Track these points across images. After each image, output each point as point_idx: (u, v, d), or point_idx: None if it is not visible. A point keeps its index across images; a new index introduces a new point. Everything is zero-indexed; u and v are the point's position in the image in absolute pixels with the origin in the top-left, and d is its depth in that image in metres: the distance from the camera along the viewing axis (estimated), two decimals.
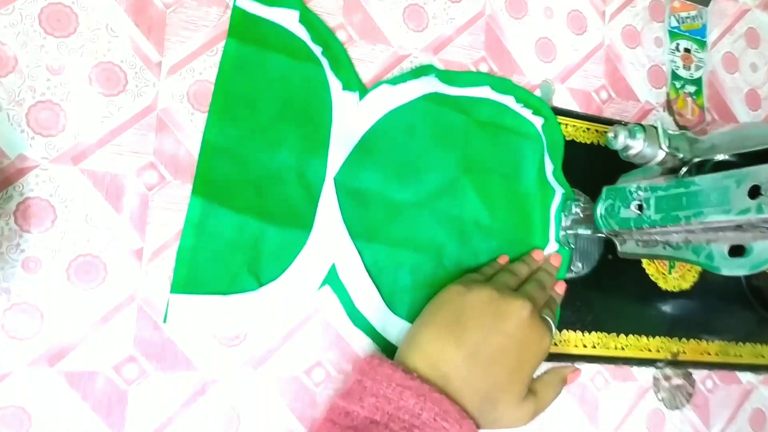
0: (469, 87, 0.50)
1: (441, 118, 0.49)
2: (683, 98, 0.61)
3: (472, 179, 0.49)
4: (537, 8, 0.56)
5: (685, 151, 0.41)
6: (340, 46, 0.47)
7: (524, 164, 0.51)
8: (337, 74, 0.46)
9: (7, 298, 0.38)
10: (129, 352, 0.40)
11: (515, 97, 0.51)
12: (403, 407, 0.36)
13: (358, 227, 0.45)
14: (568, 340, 0.51)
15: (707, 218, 0.38)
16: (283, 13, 0.45)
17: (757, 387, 0.61)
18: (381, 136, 0.47)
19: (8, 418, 0.37)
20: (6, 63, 0.39)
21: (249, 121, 0.43)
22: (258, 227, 0.42)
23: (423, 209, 0.47)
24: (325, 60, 0.46)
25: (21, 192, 0.39)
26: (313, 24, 0.46)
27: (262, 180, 0.43)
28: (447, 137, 0.49)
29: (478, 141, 0.49)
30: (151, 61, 0.43)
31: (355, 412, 0.37)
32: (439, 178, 0.48)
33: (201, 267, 0.41)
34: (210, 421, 0.42)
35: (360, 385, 0.38)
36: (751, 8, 0.67)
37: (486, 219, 0.49)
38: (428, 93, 0.49)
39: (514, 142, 0.51)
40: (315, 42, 0.46)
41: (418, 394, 0.36)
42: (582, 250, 0.53)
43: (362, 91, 0.47)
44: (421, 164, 0.48)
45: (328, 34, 0.47)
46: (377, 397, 0.36)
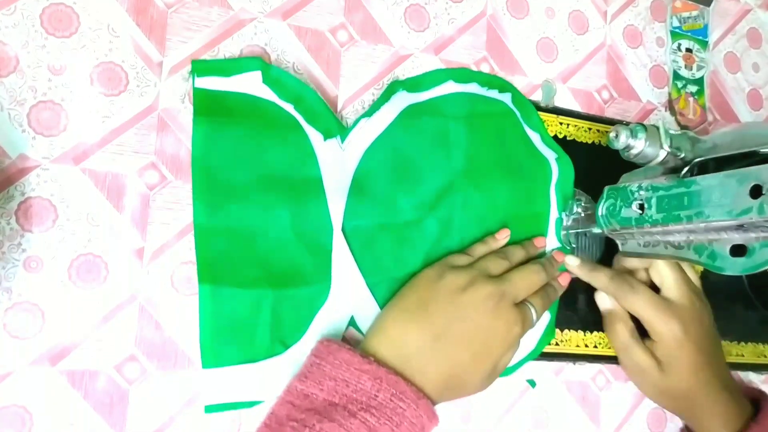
0: (435, 87, 0.49)
1: (422, 128, 0.48)
2: (685, 98, 0.61)
3: (470, 177, 0.48)
4: (538, 8, 0.56)
5: (686, 151, 0.41)
6: (312, 95, 0.45)
7: (510, 142, 0.51)
8: (315, 126, 0.45)
9: (8, 297, 0.38)
10: (130, 352, 0.40)
11: (478, 83, 0.50)
12: (360, 389, 0.37)
13: (372, 270, 0.45)
14: (569, 340, 0.51)
15: (709, 218, 0.38)
16: (245, 78, 0.43)
17: (759, 386, 0.61)
18: (372, 170, 0.46)
19: (10, 417, 0.37)
20: (7, 63, 0.39)
21: (235, 195, 0.42)
22: (272, 295, 0.42)
23: (429, 222, 0.47)
24: (299, 115, 0.44)
25: (22, 192, 0.39)
26: (278, 82, 0.44)
27: (264, 249, 0.43)
28: (434, 144, 0.48)
29: (463, 136, 0.49)
30: (152, 61, 0.43)
31: (314, 395, 0.38)
32: (438, 186, 0.48)
33: (226, 342, 0.41)
34: (211, 421, 0.42)
35: (318, 368, 0.39)
36: (753, 8, 0.67)
37: (492, 216, 0.49)
38: (403, 109, 0.48)
39: (494, 124, 0.50)
40: (284, 99, 0.44)
41: (374, 377, 0.37)
42: (583, 249, 0.53)
43: (343, 134, 0.46)
44: (416, 181, 0.47)
45: (297, 86, 0.44)
46: (336, 381, 0.38)
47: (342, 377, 0.38)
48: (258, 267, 0.42)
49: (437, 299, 0.42)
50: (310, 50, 0.47)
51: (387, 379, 0.37)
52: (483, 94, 0.51)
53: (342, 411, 0.36)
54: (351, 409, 0.36)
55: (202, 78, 0.42)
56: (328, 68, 0.48)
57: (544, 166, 0.52)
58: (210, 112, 0.42)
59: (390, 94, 0.47)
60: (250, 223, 0.42)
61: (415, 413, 0.37)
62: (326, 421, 0.36)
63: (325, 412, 0.36)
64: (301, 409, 0.37)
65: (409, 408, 0.37)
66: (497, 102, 0.51)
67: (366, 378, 0.37)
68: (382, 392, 0.37)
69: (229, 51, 0.45)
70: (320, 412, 0.37)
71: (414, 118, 0.48)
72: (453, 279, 0.43)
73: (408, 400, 0.37)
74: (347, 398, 0.37)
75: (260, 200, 0.43)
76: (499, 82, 0.52)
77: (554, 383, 0.52)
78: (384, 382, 0.37)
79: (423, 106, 0.49)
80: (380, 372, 0.38)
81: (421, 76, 0.49)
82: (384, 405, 0.37)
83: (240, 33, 0.45)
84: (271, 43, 0.46)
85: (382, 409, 0.37)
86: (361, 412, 0.36)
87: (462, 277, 0.43)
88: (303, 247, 0.44)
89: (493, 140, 0.50)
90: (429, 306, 0.41)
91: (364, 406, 0.37)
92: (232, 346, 0.41)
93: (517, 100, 0.51)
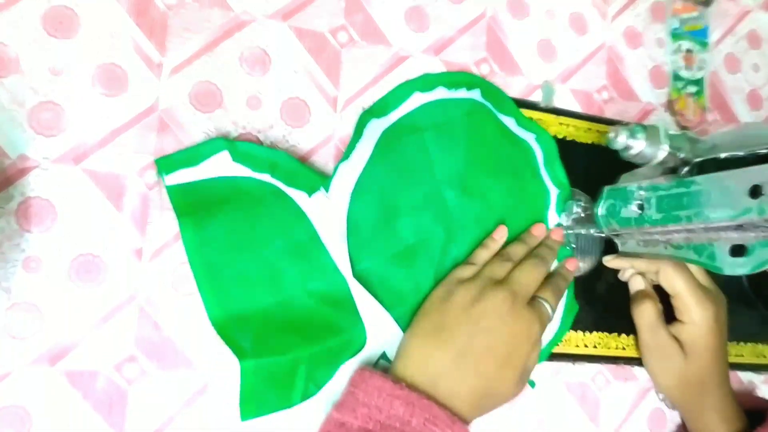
0: (402, 104, 0.49)
1: (400, 150, 0.47)
2: (685, 99, 0.61)
3: (459, 184, 0.48)
4: (538, 9, 0.56)
5: (686, 151, 0.41)
6: (284, 157, 0.44)
7: (489, 137, 0.50)
8: (296, 186, 0.44)
9: (8, 297, 0.38)
10: (130, 352, 0.40)
11: (444, 86, 0.50)
12: (393, 416, 0.37)
13: (394, 303, 0.45)
14: (569, 340, 0.51)
15: (708, 218, 0.38)
16: (214, 162, 0.42)
17: (758, 387, 0.61)
18: (363, 209, 0.46)
19: (9, 417, 0.37)
20: (8, 64, 0.39)
21: (240, 280, 0.42)
22: (308, 353, 0.42)
23: (431, 238, 0.47)
24: (278, 181, 0.44)
25: (22, 192, 0.39)
26: (248, 155, 0.43)
27: (285, 319, 0.43)
28: (416, 162, 0.47)
29: (442, 146, 0.48)
30: (152, 61, 0.43)
31: (349, 423, 0.38)
32: (430, 202, 0.47)
33: (265, 398, 0.41)
34: (211, 421, 0.42)
35: (353, 396, 0.39)
36: (753, 9, 0.67)
37: (489, 215, 0.49)
38: (378, 139, 0.47)
39: (469, 124, 0.49)
40: (259, 171, 0.43)
41: (407, 402, 0.37)
42: (583, 249, 0.53)
43: (325, 184, 0.45)
44: (408, 204, 0.47)
45: (268, 153, 0.44)
46: (369, 408, 0.38)
47: (375, 404, 0.38)
48: (286, 335, 0.43)
49: (452, 317, 0.41)
50: (311, 51, 0.47)
51: (419, 404, 0.37)
52: (451, 97, 0.50)
53: None
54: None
55: (171, 174, 0.42)
56: (329, 69, 0.48)
57: (526, 151, 0.51)
58: (191, 209, 0.42)
59: (361, 128, 0.47)
60: (263, 300, 0.43)
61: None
62: None
63: None
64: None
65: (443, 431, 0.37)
66: (466, 101, 0.50)
67: (398, 404, 0.37)
68: (415, 417, 0.37)
69: (230, 51, 0.45)
70: None
71: (390, 143, 0.47)
72: (462, 294, 0.42)
73: (442, 424, 0.37)
74: (381, 425, 0.37)
75: (265, 276, 0.43)
76: (464, 78, 0.51)
77: (554, 383, 0.52)
78: (417, 407, 0.37)
79: (396, 128, 0.48)
80: (412, 397, 0.37)
81: (386, 96, 0.49)
82: (417, 430, 0.36)
83: (240, 34, 0.45)
84: (272, 44, 0.46)
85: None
86: None
87: (470, 289, 0.42)
88: (321, 303, 0.44)
89: (473, 141, 0.49)
90: (446, 325, 0.41)
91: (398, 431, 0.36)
92: (271, 398, 0.41)
93: (486, 92, 0.51)
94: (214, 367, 0.42)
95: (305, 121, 0.46)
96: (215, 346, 0.42)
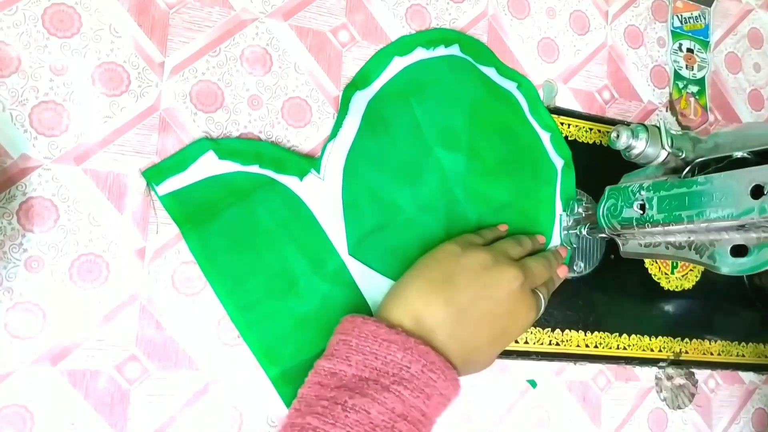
0: (383, 71, 0.48)
1: (388, 120, 0.47)
2: (686, 98, 0.61)
3: (456, 145, 0.48)
4: (539, 8, 0.56)
5: (687, 151, 0.41)
6: (269, 146, 0.44)
7: (474, 89, 0.50)
8: (286, 173, 0.44)
9: (9, 297, 0.38)
10: (131, 352, 0.40)
11: (422, 46, 0.49)
12: (391, 361, 0.36)
13: (400, 271, 0.45)
14: (570, 340, 0.51)
15: (710, 218, 0.38)
16: (201, 163, 0.42)
17: (760, 387, 0.61)
18: (357, 183, 0.46)
19: (11, 416, 0.37)
20: (9, 63, 0.39)
21: (252, 274, 0.43)
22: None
23: (435, 201, 0.47)
24: (267, 170, 0.44)
25: (24, 192, 0.39)
26: (233, 150, 0.43)
27: (302, 314, 0.44)
28: (405, 130, 0.48)
29: (429, 111, 0.48)
30: (153, 61, 0.43)
31: (342, 372, 0.37)
32: (424, 166, 0.48)
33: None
34: (212, 421, 0.42)
35: (345, 344, 0.38)
36: (754, 8, 0.67)
37: (488, 169, 0.49)
38: (363, 111, 0.47)
39: (454, 80, 0.49)
40: (247, 163, 0.43)
41: (404, 347, 0.36)
42: (584, 249, 0.53)
43: (316, 165, 0.45)
44: (402, 172, 0.47)
45: (252, 145, 0.44)
46: (364, 354, 0.37)
47: (370, 350, 0.36)
48: (307, 329, 0.43)
49: (463, 273, 0.41)
50: (312, 50, 0.47)
51: (417, 350, 0.36)
52: (430, 57, 0.50)
53: (374, 385, 0.35)
54: (383, 383, 0.35)
55: (160, 184, 0.41)
56: (330, 69, 0.48)
57: (510, 100, 0.51)
58: (189, 215, 0.42)
59: (346, 103, 0.47)
60: (279, 293, 0.43)
61: (444, 384, 0.37)
62: (358, 396, 0.35)
63: (356, 388, 0.35)
64: (330, 388, 0.36)
65: (439, 379, 0.36)
66: (446, 59, 0.50)
67: (395, 348, 0.36)
68: (413, 363, 0.36)
69: (231, 50, 0.45)
70: (351, 388, 0.35)
71: (377, 113, 0.47)
72: (478, 255, 0.42)
73: (438, 371, 0.36)
74: (377, 371, 0.36)
75: (275, 266, 0.43)
76: (440, 34, 0.50)
77: (555, 383, 0.52)
78: (415, 353, 0.36)
79: (380, 96, 0.48)
80: (409, 342, 0.37)
81: (366, 65, 0.48)
82: (416, 377, 0.36)
83: (241, 33, 0.45)
84: (272, 43, 0.46)
85: (415, 381, 0.36)
86: (394, 385, 0.35)
87: (487, 255, 0.42)
88: (334, 284, 0.45)
89: (458, 97, 0.49)
90: (454, 280, 0.40)
91: (396, 378, 0.36)
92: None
93: (464, 46, 0.50)
94: (216, 367, 0.42)
95: (306, 121, 0.46)
96: (216, 346, 0.42)
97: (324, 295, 0.44)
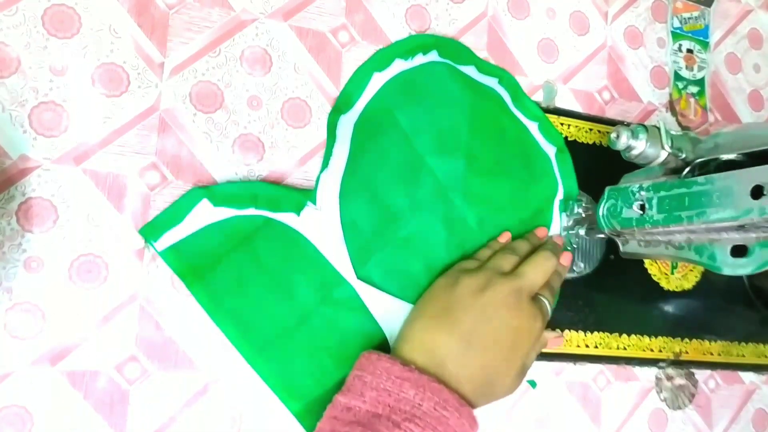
0: (364, 90, 0.48)
1: (377, 138, 0.47)
2: (686, 99, 0.61)
3: (446, 150, 0.48)
4: (539, 9, 0.56)
5: (687, 152, 0.41)
6: (263, 186, 0.44)
7: (456, 91, 0.49)
8: (282, 210, 0.44)
9: (9, 297, 0.38)
10: (131, 352, 0.40)
11: (399, 57, 0.49)
12: (403, 398, 0.36)
13: (408, 288, 0.46)
14: (570, 340, 0.51)
15: (710, 218, 0.38)
16: (196, 213, 0.42)
17: (759, 387, 0.61)
18: (354, 206, 0.46)
19: (10, 417, 0.37)
20: (9, 64, 0.39)
21: (263, 316, 0.43)
22: (341, 374, 0.43)
23: (434, 211, 0.47)
24: (263, 211, 0.44)
25: (23, 192, 0.39)
26: (227, 196, 0.43)
27: (315, 342, 0.44)
28: (395, 144, 0.47)
29: (417, 117, 0.48)
30: (153, 62, 0.43)
31: (356, 407, 0.37)
32: (423, 176, 0.47)
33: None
34: (212, 421, 0.42)
35: (360, 380, 0.38)
36: (754, 9, 0.67)
37: (480, 168, 0.49)
38: (351, 135, 0.47)
39: (435, 86, 0.49)
40: (243, 207, 0.43)
41: (417, 385, 0.37)
42: (584, 250, 0.53)
43: (311, 196, 0.45)
44: (399, 188, 0.47)
45: (245, 186, 0.44)
46: (378, 391, 0.37)
47: (383, 387, 0.37)
48: (324, 360, 0.43)
49: (459, 302, 0.41)
50: (311, 51, 0.47)
51: (430, 387, 0.37)
52: (409, 67, 0.49)
53: (386, 422, 0.36)
54: (395, 420, 0.36)
55: (158, 240, 0.41)
56: (329, 69, 0.48)
57: (493, 96, 0.51)
58: (192, 267, 0.42)
59: (333, 129, 0.46)
60: (289, 328, 0.43)
61: (458, 421, 0.37)
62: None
63: (368, 424, 0.36)
64: (345, 422, 0.37)
65: (453, 416, 0.36)
66: (425, 66, 0.50)
67: (408, 386, 0.37)
68: (426, 401, 0.36)
69: (231, 51, 0.45)
70: (364, 424, 0.36)
71: (364, 134, 0.47)
72: (470, 281, 0.42)
73: (451, 408, 0.37)
74: (390, 408, 0.36)
75: (284, 304, 0.43)
76: (417, 42, 0.50)
77: (555, 383, 0.52)
78: (427, 391, 0.37)
79: (365, 117, 0.48)
80: (422, 380, 0.37)
81: (346, 87, 0.48)
82: (428, 414, 0.36)
83: (241, 34, 0.45)
84: (272, 44, 0.46)
85: (427, 419, 0.36)
86: (405, 422, 0.35)
87: (478, 278, 0.42)
88: (340, 309, 0.44)
89: (441, 103, 0.49)
90: (452, 310, 0.41)
91: (408, 415, 0.36)
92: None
93: (442, 50, 0.50)
94: (216, 368, 0.42)
95: (306, 122, 0.46)
96: (216, 347, 0.42)
97: (336, 324, 0.44)
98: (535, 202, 0.51)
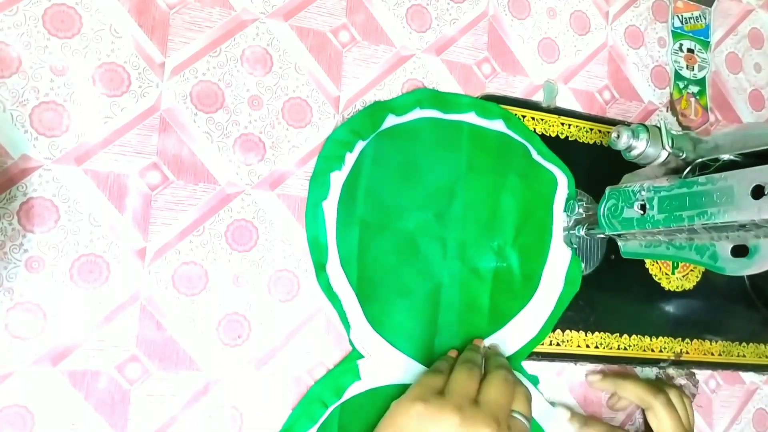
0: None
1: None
2: (686, 98, 0.61)
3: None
4: (540, 9, 0.56)
5: (688, 152, 0.41)
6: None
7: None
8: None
9: (10, 297, 0.38)
10: (132, 352, 0.40)
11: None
12: None
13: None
14: (570, 340, 0.51)
15: (710, 218, 0.38)
16: None
17: (760, 387, 0.61)
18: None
19: (11, 417, 0.37)
20: (10, 64, 0.39)
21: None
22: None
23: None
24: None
25: (24, 192, 0.39)
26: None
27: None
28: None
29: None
30: (154, 61, 0.43)
31: None
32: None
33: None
34: (212, 421, 0.42)
35: None
36: (755, 8, 0.67)
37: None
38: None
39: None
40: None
41: None
42: (585, 250, 0.53)
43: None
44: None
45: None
46: None
47: None
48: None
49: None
50: (312, 51, 0.47)
51: None
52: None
53: None
54: None
55: None
56: (330, 69, 0.48)
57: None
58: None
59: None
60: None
61: None
62: None
63: None
64: None
65: None
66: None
67: None
68: None
69: (231, 51, 0.45)
70: None
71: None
72: (446, 421, 0.38)
73: None
74: None
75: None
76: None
77: (556, 384, 0.52)
78: None
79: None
80: None
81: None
82: None
83: (242, 34, 0.45)
84: (273, 43, 0.46)
85: None
86: None
87: (454, 416, 0.38)
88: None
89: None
90: None
91: None
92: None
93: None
94: (216, 367, 0.42)
95: (307, 122, 0.46)
96: (217, 346, 0.42)
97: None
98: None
